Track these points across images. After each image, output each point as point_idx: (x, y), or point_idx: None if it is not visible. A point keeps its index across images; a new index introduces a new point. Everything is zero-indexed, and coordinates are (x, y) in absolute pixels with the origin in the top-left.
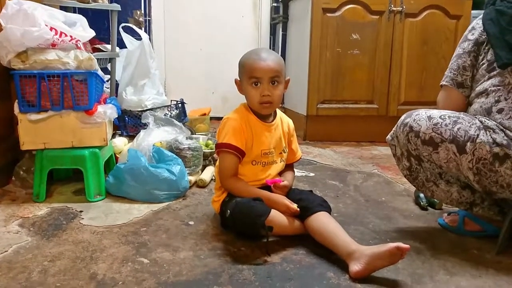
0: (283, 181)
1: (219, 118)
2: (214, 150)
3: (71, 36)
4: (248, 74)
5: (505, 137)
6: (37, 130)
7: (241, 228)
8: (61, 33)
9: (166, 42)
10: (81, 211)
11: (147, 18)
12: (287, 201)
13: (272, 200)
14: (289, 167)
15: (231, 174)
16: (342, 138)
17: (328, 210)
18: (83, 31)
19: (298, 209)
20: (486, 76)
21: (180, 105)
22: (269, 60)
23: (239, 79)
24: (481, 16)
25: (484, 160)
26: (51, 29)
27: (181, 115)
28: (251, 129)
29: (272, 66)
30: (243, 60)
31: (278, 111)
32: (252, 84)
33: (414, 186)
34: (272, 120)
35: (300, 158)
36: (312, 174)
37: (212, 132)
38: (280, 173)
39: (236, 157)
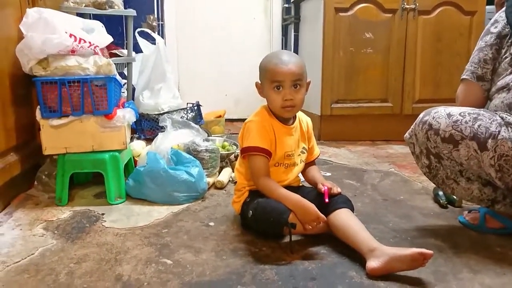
0: (328, 187)
1: (232, 120)
2: (230, 152)
3: (89, 42)
4: (270, 78)
5: None
6: (58, 135)
7: (264, 227)
8: (80, 39)
9: (179, 46)
10: (103, 214)
11: (160, 22)
12: (318, 212)
13: (302, 207)
14: (311, 164)
15: (263, 174)
16: (357, 137)
17: (351, 208)
18: (101, 37)
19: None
20: (509, 70)
21: (196, 107)
22: (291, 63)
23: (259, 82)
24: (504, 9)
25: (506, 156)
26: (70, 35)
27: (197, 118)
28: (274, 132)
29: (294, 70)
30: (264, 63)
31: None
32: (274, 88)
33: (434, 183)
34: (293, 123)
35: (319, 155)
36: (328, 174)
37: (228, 134)
38: (304, 172)
39: (264, 157)
